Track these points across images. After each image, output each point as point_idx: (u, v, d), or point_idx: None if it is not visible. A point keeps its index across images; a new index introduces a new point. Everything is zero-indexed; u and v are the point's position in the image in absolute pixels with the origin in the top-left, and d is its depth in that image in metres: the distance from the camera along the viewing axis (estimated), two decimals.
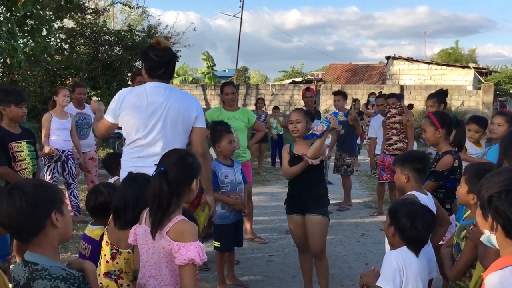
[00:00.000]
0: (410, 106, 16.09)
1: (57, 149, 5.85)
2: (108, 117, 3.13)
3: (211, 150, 4.71)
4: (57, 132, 5.90)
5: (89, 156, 6.43)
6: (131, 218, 2.36)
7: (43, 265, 1.70)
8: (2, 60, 10.25)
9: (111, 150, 10.66)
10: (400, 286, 2.29)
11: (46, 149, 5.73)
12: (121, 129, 3.18)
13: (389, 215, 2.51)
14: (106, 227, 2.53)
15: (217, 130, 4.12)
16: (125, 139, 3.18)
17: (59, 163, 5.89)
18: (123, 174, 2.96)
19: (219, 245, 4.13)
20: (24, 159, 4.06)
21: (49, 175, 5.83)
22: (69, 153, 6.02)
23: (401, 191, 3.09)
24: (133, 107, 3.05)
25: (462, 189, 2.63)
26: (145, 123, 3.03)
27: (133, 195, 2.38)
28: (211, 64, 30.68)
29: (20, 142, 4.03)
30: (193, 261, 2.01)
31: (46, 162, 5.82)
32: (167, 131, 3.06)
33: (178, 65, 27.92)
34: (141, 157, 3.04)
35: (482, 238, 1.65)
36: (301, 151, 3.75)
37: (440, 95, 5.32)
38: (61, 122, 5.92)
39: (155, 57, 3.05)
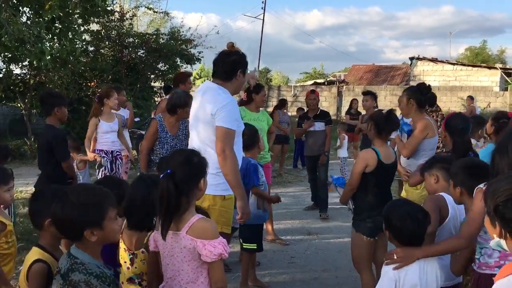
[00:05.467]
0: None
1: (104, 150, 5.90)
2: None
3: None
4: (105, 136, 5.91)
5: None
6: (138, 218, 2.43)
7: (82, 260, 1.89)
8: (29, 63, 10.52)
9: (134, 151, 10.77)
10: None
11: (90, 155, 5.81)
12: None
13: (383, 219, 2.53)
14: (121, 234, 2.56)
15: (255, 130, 4.18)
16: None
17: (108, 163, 5.89)
18: None
19: (255, 247, 4.11)
20: None
21: (101, 175, 5.84)
22: (117, 153, 6.04)
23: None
24: None
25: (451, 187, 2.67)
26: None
27: (140, 196, 2.43)
28: None
29: None
30: (221, 256, 2.10)
31: (97, 165, 5.88)
32: (193, 128, 3.33)
33: (198, 66, 28.14)
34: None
35: (492, 243, 1.66)
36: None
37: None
38: (109, 125, 5.92)
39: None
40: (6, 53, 10.05)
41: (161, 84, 15.06)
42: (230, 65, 3.19)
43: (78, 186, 2.26)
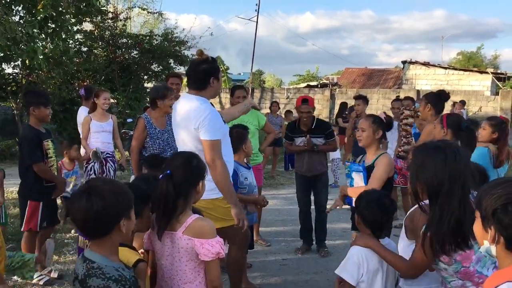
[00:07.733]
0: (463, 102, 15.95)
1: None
2: None
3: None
4: (95, 135, 5.82)
5: None
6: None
7: (99, 264, 1.80)
8: (21, 62, 10.46)
9: (126, 152, 10.71)
10: (359, 278, 2.46)
11: (88, 151, 5.71)
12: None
13: (355, 204, 2.71)
14: None
15: (240, 132, 4.14)
16: None
17: (96, 165, 5.78)
18: None
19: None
20: (51, 157, 4.30)
21: (86, 176, 5.78)
22: (107, 155, 5.89)
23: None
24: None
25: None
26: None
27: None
28: (225, 68, 30.82)
29: (48, 141, 4.28)
30: (219, 255, 2.15)
31: (85, 163, 5.80)
32: (178, 141, 3.43)
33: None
34: None
35: (482, 249, 1.63)
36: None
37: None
38: (100, 125, 5.84)
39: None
40: None
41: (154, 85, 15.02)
42: (201, 75, 3.23)
43: (96, 180, 2.09)
